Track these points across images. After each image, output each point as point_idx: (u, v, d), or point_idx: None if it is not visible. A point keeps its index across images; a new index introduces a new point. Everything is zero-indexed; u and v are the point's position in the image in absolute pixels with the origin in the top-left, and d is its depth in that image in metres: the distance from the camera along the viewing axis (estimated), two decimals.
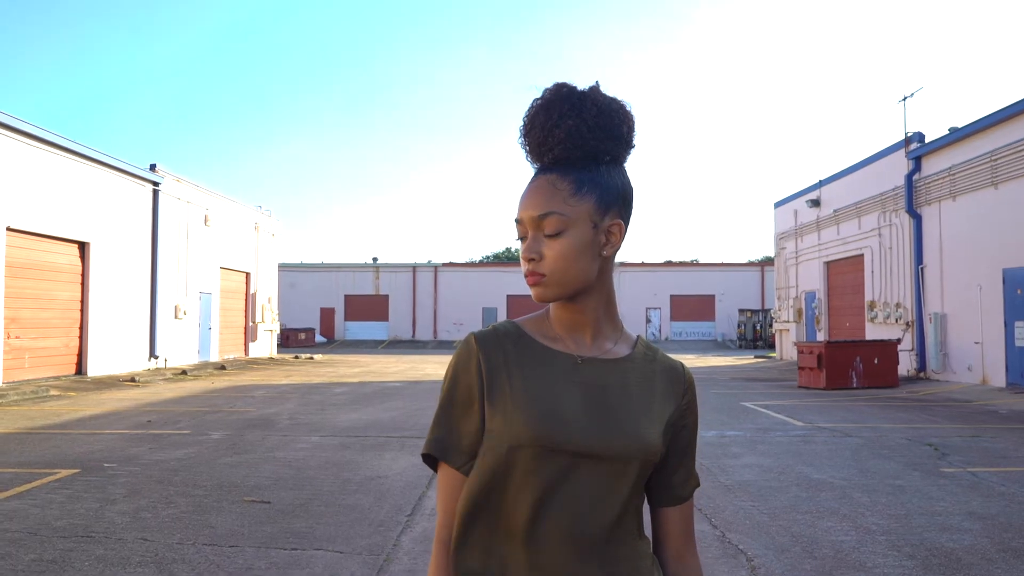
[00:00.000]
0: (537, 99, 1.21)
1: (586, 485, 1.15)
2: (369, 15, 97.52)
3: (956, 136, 17.23)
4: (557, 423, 1.15)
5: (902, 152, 19.57)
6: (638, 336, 1.31)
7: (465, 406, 1.22)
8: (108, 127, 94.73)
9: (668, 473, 1.26)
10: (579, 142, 1.18)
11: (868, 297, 21.52)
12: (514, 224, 1.23)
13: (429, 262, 46.95)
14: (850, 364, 16.25)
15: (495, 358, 1.21)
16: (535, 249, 1.19)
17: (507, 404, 1.18)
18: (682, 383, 1.27)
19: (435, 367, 23.83)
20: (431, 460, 1.25)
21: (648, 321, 44.90)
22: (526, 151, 1.24)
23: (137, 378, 17.87)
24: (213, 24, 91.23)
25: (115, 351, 19.55)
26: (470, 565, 1.18)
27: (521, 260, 1.22)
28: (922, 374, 18.52)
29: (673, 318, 45.35)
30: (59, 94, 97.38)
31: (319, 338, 43.93)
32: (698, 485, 1.31)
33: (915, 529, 5.26)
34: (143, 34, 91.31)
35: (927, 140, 18.80)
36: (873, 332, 20.75)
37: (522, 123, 1.23)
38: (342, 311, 46.20)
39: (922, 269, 18.63)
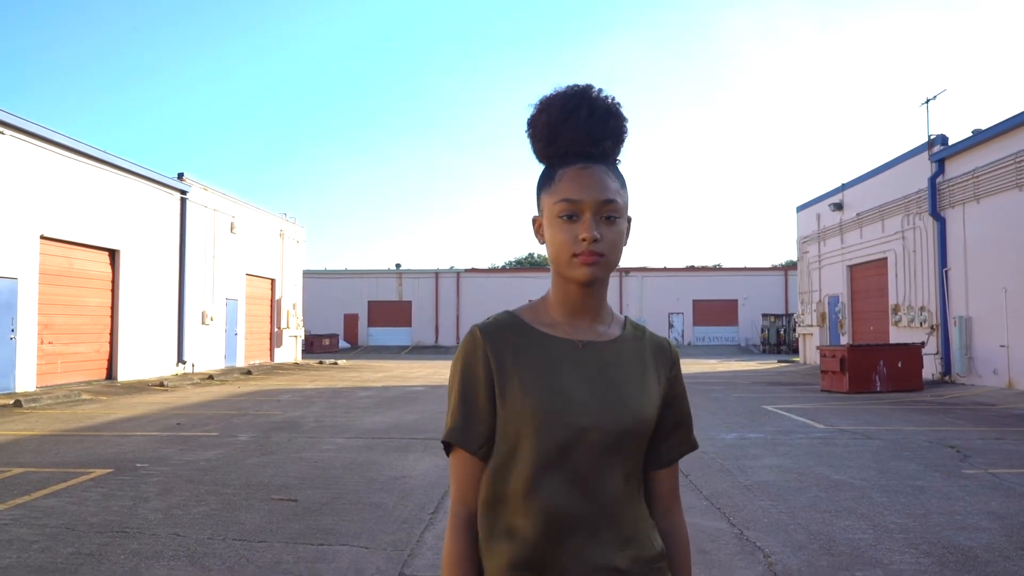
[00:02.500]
0: (566, 92, 1.30)
1: (592, 458, 1.25)
2: (391, 26, 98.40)
3: (980, 138, 17.10)
4: (563, 403, 1.25)
5: (925, 155, 19.45)
6: (626, 317, 1.42)
7: (476, 395, 1.30)
8: (137, 136, 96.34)
9: (659, 440, 1.36)
10: (622, 140, 1.34)
11: (892, 300, 21.36)
12: (562, 204, 1.25)
13: (451, 268, 47.16)
14: (873, 368, 16.14)
15: (501, 347, 1.30)
16: (598, 229, 1.25)
17: (516, 390, 1.27)
18: (669, 358, 1.39)
19: None
20: (448, 447, 1.33)
21: (671, 326, 44.72)
22: (557, 140, 1.29)
23: (166, 382, 18.20)
24: (247, 45, 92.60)
25: (144, 356, 19.94)
26: (501, 548, 1.25)
27: (569, 242, 1.25)
28: (947, 378, 18.36)
29: (696, 323, 45.14)
30: (98, 113, 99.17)
31: (343, 344, 44.29)
32: (695, 447, 1.42)
33: (933, 528, 5.29)
34: (193, 62, 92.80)
35: (950, 142, 18.68)
36: (897, 336, 20.59)
37: (550, 110, 1.30)
38: (365, 317, 46.54)
39: (946, 272, 18.48)
